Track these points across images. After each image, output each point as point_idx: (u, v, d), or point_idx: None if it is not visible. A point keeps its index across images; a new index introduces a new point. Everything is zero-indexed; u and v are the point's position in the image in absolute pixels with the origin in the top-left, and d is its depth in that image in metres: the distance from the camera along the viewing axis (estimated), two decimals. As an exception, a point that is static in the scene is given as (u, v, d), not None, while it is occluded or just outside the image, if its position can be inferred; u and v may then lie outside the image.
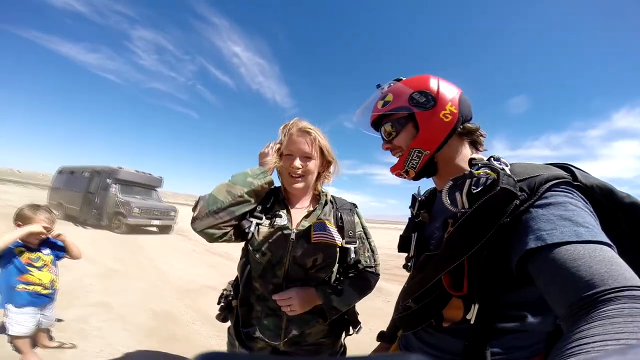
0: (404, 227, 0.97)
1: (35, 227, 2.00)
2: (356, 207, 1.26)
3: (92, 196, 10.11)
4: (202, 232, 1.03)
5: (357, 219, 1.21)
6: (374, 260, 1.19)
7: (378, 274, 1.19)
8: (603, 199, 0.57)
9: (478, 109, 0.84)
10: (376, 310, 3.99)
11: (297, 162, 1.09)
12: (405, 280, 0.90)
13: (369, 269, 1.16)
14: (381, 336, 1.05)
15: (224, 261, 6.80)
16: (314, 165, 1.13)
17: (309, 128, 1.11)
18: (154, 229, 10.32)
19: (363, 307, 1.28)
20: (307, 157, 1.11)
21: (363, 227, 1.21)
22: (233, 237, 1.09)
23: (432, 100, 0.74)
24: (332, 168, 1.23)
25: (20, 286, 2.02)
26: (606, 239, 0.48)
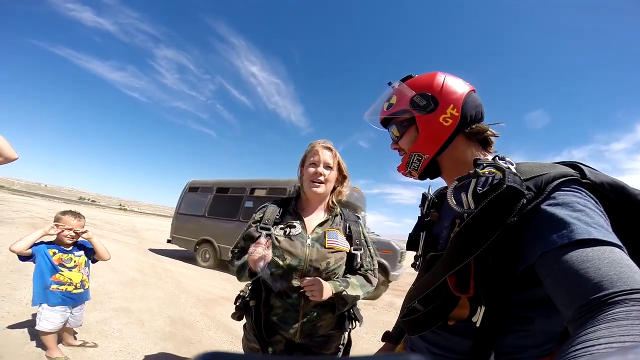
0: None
1: (46, 228, 2.18)
2: (359, 218, 1.43)
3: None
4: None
5: (361, 229, 1.38)
6: (373, 265, 1.35)
7: (377, 276, 1.36)
8: (615, 197, 0.54)
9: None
10: (387, 324, 3.93)
11: (321, 169, 1.27)
12: None
13: (369, 272, 1.33)
14: (387, 336, 1.05)
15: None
16: (333, 175, 1.31)
17: (332, 146, 1.33)
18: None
19: (375, 320, 1.37)
20: (328, 167, 1.29)
21: (364, 236, 1.37)
22: None
23: (433, 104, 0.73)
24: (346, 183, 1.40)
25: (54, 286, 2.19)
26: (616, 240, 0.46)
